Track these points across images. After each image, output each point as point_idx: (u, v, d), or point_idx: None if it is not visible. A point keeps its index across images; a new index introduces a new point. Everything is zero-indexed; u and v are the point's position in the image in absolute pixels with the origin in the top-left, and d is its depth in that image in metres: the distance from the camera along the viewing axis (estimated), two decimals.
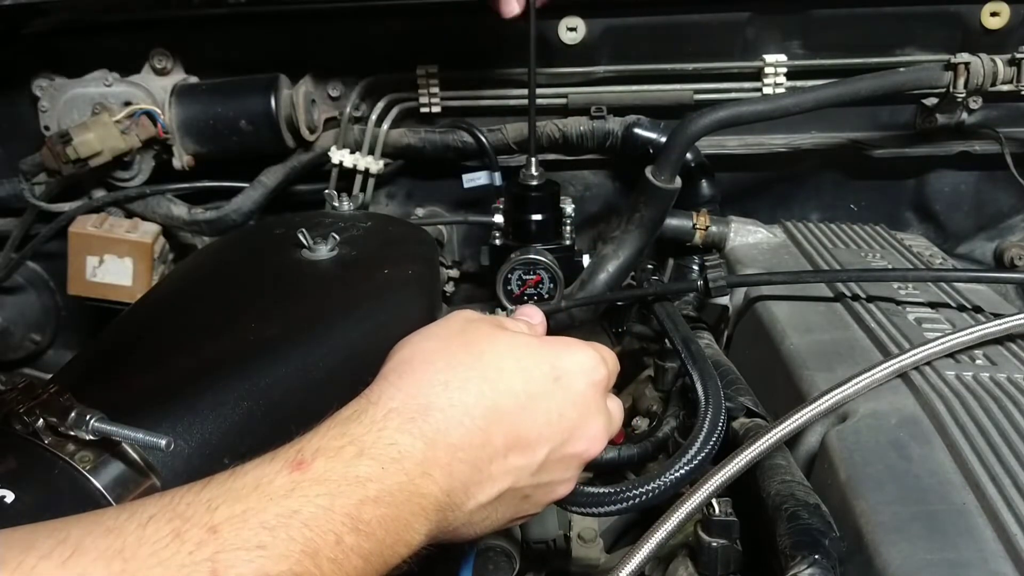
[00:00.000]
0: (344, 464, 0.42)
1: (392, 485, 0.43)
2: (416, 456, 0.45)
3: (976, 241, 1.19)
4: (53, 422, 0.46)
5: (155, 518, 0.37)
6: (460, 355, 0.49)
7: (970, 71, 0.96)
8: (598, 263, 0.95)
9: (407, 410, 0.46)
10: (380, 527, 0.42)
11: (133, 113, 1.04)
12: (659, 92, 1.10)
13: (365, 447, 0.43)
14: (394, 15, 1.10)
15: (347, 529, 0.40)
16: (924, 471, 0.55)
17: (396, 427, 0.45)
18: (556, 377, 0.51)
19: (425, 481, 0.45)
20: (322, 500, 0.40)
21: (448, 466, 0.46)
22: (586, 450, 0.53)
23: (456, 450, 0.46)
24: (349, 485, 0.42)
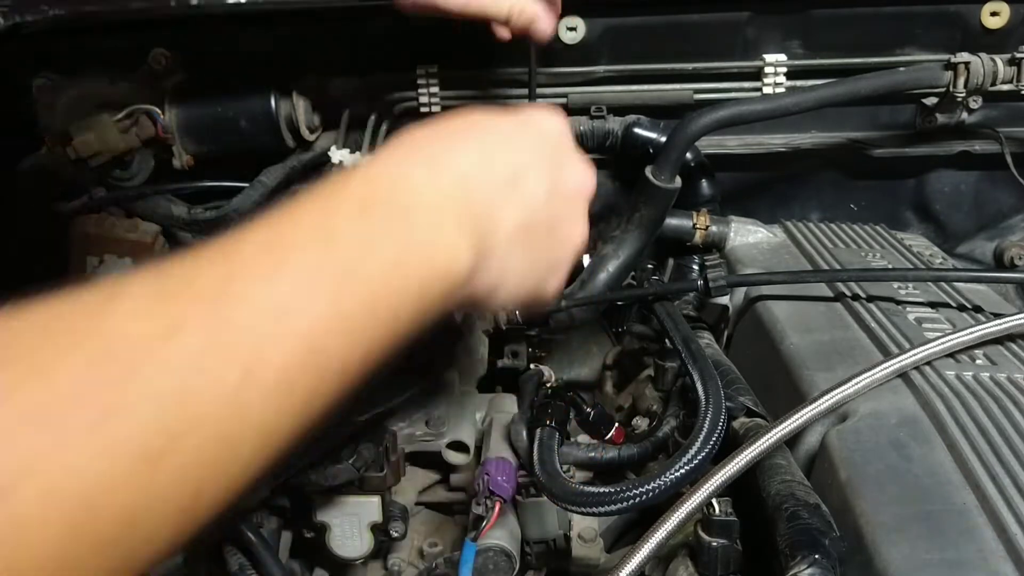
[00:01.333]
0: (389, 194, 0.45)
1: (423, 200, 0.46)
2: (434, 178, 0.48)
3: (976, 241, 1.19)
4: None
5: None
6: (456, 136, 0.54)
7: (970, 71, 0.96)
8: (598, 263, 0.95)
9: (419, 162, 0.49)
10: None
11: (133, 113, 1.04)
12: (659, 92, 1.10)
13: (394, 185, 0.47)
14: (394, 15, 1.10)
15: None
16: (924, 471, 0.55)
17: (415, 170, 0.48)
18: (534, 135, 0.57)
19: (449, 192, 0.48)
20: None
21: (466, 191, 0.49)
22: (576, 187, 0.59)
23: (467, 178, 0.50)
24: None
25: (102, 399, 0.31)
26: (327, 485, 0.71)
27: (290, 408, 0.37)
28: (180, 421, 0.33)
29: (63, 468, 0.30)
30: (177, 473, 0.33)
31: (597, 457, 0.79)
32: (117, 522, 0.31)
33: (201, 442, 0.33)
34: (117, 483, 0.31)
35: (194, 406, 0.33)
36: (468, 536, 0.71)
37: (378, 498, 0.78)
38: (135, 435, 0.31)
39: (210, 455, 0.34)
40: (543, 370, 0.86)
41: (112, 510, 0.31)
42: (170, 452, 0.32)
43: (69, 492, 0.30)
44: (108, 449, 0.31)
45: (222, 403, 0.34)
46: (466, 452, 0.84)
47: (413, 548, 0.89)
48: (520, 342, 1.07)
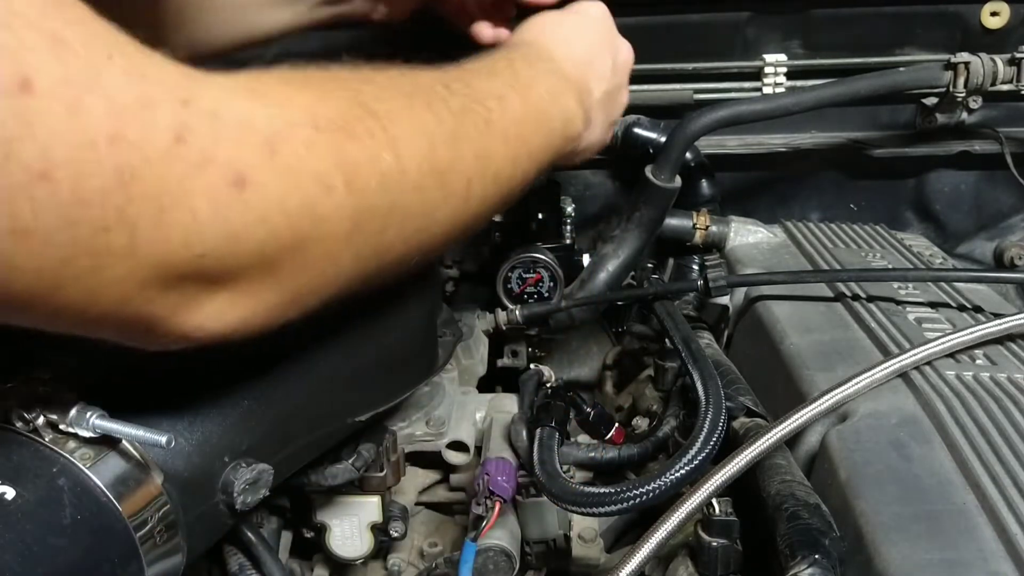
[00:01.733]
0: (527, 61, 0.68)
1: (557, 68, 0.70)
2: (557, 57, 0.71)
3: (976, 241, 1.19)
4: (54, 419, 0.46)
5: None
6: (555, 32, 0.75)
7: (970, 71, 0.96)
8: (598, 263, 0.95)
9: (549, 43, 0.72)
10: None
11: None
12: (659, 92, 1.10)
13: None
14: None
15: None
16: (924, 471, 0.55)
17: (552, 48, 0.72)
18: (592, 23, 0.77)
19: (567, 70, 0.70)
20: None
21: (572, 68, 0.71)
22: (626, 60, 0.79)
23: (573, 63, 0.72)
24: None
25: (428, 98, 0.53)
26: (327, 485, 0.70)
27: (505, 153, 0.58)
28: (462, 122, 0.54)
29: (412, 118, 0.51)
30: (467, 150, 0.54)
31: (597, 457, 0.79)
32: (438, 164, 0.51)
33: (474, 140, 0.55)
34: (441, 138, 0.52)
35: (468, 120, 0.55)
36: (468, 536, 0.71)
37: (378, 498, 0.78)
38: (447, 120, 0.53)
39: (476, 150, 0.55)
40: (543, 370, 0.85)
41: (436, 154, 0.51)
42: (461, 137, 0.54)
43: (418, 132, 0.50)
44: (436, 120, 0.52)
45: (481, 128, 0.56)
46: (466, 452, 0.84)
47: (413, 548, 0.89)
48: (520, 342, 1.07)
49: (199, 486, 0.52)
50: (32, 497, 0.43)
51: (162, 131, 0.35)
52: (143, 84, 0.35)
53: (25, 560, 0.41)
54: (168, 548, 0.49)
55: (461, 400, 0.90)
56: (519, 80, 0.63)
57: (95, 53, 0.33)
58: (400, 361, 0.73)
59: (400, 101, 0.51)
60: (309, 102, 0.44)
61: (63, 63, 0.32)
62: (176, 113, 0.36)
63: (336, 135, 0.44)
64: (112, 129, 0.33)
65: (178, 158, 0.36)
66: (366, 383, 0.68)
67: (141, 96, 0.35)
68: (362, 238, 0.46)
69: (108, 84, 0.33)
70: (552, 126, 0.65)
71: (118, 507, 0.46)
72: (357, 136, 0.45)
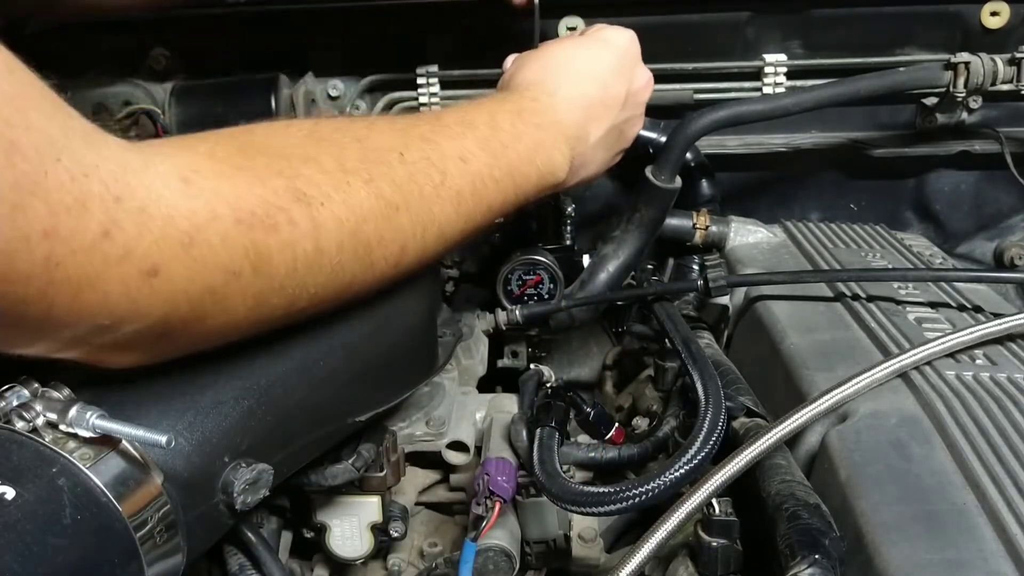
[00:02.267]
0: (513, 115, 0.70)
1: (547, 120, 0.71)
2: (553, 104, 0.72)
3: (976, 241, 1.19)
4: (54, 419, 0.46)
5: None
6: (561, 69, 0.76)
7: (970, 71, 0.96)
8: (598, 263, 0.95)
9: (545, 91, 0.73)
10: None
11: (133, 113, 1.04)
12: (659, 92, 1.09)
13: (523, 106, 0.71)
14: (394, 15, 1.10)
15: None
16: (924, 471, 0.55)
17: (542, 97, 0.73)
18: (613, 50, 0.79)
19: (560, 118, 0.72)
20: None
21: (570, 116, 0.73)
22: (641, 89, 0.80)
23: (572, 105, 0.73)
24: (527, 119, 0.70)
25: (372, 172, 0.55)
26: (327, 485, 0.70)
27: (455, 212, 0.61)
28: (405, 193, 0.57)
29: (346, 199, 0.53)
30: (404, 219, 0.57)
31: (597, 457, 0.79)
32: (365, 240, 0.54)
33: (415, 207, 0.58)
34: (374, 214, 0.55)
35: (413, 189, 0.57)
36: (468, 536, 0.71)
37: (378, 498, 0.78)
38: (387, 193, 0.55)
39: (417, 216, 0.58)
40: (543, 370, 0.85)
41: (364, 232, 0.54)
42: (401, 207, 0.56)
43: (349, 214, 0.53)
44: (374, 196, 0.55)
45: (428, 193, 0.58)
46: (466, 452, 0.84)
47: (413, 548, 0.89)
48: (520, 342, 1.07)
49: (199, 486, 0.52)
50: (32, 497, 0.43)
51: (92, 227, 0.39)
52: (83, 184, 0.39)
53: (25, 560, 0.41)
54: (168, 548, 0.49)
55: (461, 400, 0.90)
56: (497, 136, 0.65)
57: (45, 156, 0.37)
58: (400, 361, 0.73)
59: (337, 180, 0.53)
60: (239, 192, 0.47)
61: (13, 168, 0.36)
62: (108, 211, 0.40)
63: (254, 228, 0.47)
64: (47, 226, 0.37)
65: (101, 251, 0.40)
66: (366, 383, 0.68)
67: (79, 196, 0.39)
68: (265, 310, 0.51)
69: (51, 185, 0.38)
70: (523, 181, 0.67)
71: (118, 507, 0.46)
72: (277, 227, 0.49)
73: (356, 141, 0.57)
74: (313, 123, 0.58)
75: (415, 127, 0.62)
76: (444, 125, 0.63)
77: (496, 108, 0.68)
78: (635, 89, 0.79)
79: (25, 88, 0.38)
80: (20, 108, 0.37)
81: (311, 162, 0.53)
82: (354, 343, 0.66)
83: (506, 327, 0.95)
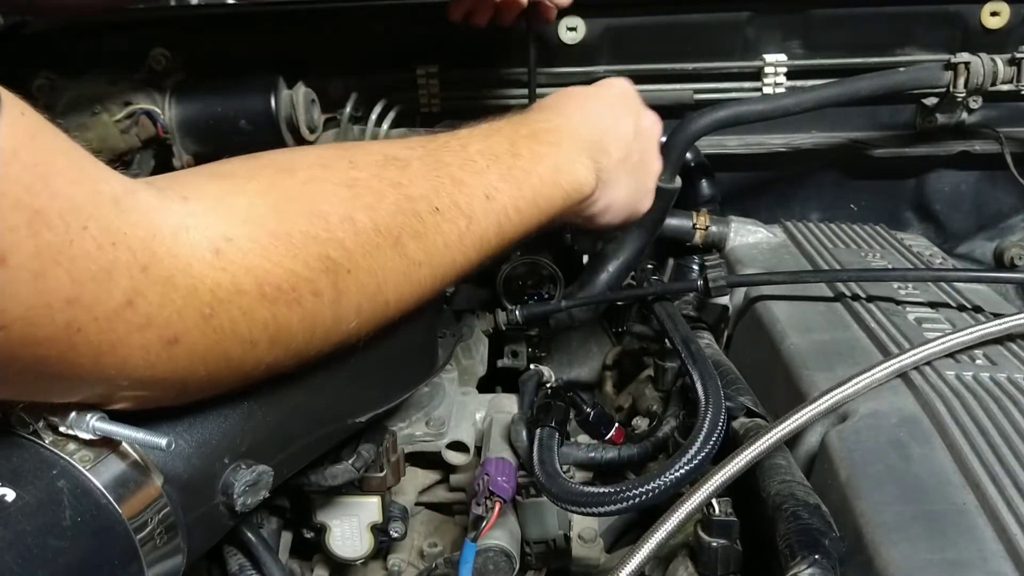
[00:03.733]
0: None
1: (563, 136, 0.71)
2: (568, 124, 0.73)
3: (976, 241, 1.19)
4: (54, 421, 0.46)
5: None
6: (571, 100, 0.78)
7: (970, 71, 0.96)
8: (598, 263, 0.95)
9: (561, 115, 0.74)
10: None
11: (133, 113, 1.04)
12: (659, 92, 1.10)
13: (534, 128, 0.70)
14: (394, 15, 1.10)
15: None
16: (924, 471, 0.55)
17: (559, 119, 0.73)
18: (616, 94, 0.81)
19: (576, 133, 0.72)
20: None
21: (590, 136, 0.73)
22: (649, 127, 0.81)
23: (589, 128, 0.74)
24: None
25: (402, 229, 0.54)
26: (327, 485, 0.70)
27: (476, 255, 0.60)
28: (430, 248, 0.56)
29: (372, 264, 0.52)
30: (425, 274, 0.56)
31: (597, 457, 0.79)
32: (384, 300, 0.54)
33: (437, 261, 0.57)
34: (395, 275, 0.54)
35: (439, 241, 0.56)
36: (468, 536, 0.71)
37: (378, 498, 0.78)
38: (412, 252, 0.54)
39: (438, 269, 0.57)
40: (543, 370, 0.85)
41: (384, 293, 0.54)
42: (424, 263, 0.55)
43: (371, 279, 0.52)
44: (398, 256, 0.54)
45: (452, 243, 0.57)
46: (466, 452, 0.84)
47: (413, 548, 0.89)
48: (520, 342, 1.07)
49: (199, 488, 0.52)
50: (32, 499, 0.43)
51: (116, 296, 0.39)
52: (110, 252, 0.39)
53: (25, 562, 0.41)
54: (168, 550, 0.49)
55: (461, 400, 0.90)
56: (518, 164, 0.64)
57: (71, 225, 0.37)
58: (400, 361, 0.73)
59: (368, 243, 0.52)
60: (269, 265, 0.46)
61: (36, 237, 0.35)
62: (133, 279, 0.40)
63: (277, 302, 0.47)
64: (70, 294, 0.37)
65: (124, 319, 0.40)
66: (366, 384, 0.68)
67: (105, 264, 0.38)
68: (278, 369, 0.52)
69: (76, 254, 0.37)
70: (548, 204, 0.67)
71: (118, 509, 0.46)
72: (301, 300, 0.48)
73: (394, 188, 0.55)
74: (350, 161, 0.55)
75: (445, 164, 0.60)
76: (470, 159, 0.62)
77: (513, 134, 0.67)
78: (644, 126, 0.80)
79: (49, 155, 0.37)
80: (43, 176, 0.36)
81: (347, 222, 0.51)
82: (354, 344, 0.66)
83: (506, 327, 0.95)
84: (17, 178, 0.34)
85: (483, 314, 1.02)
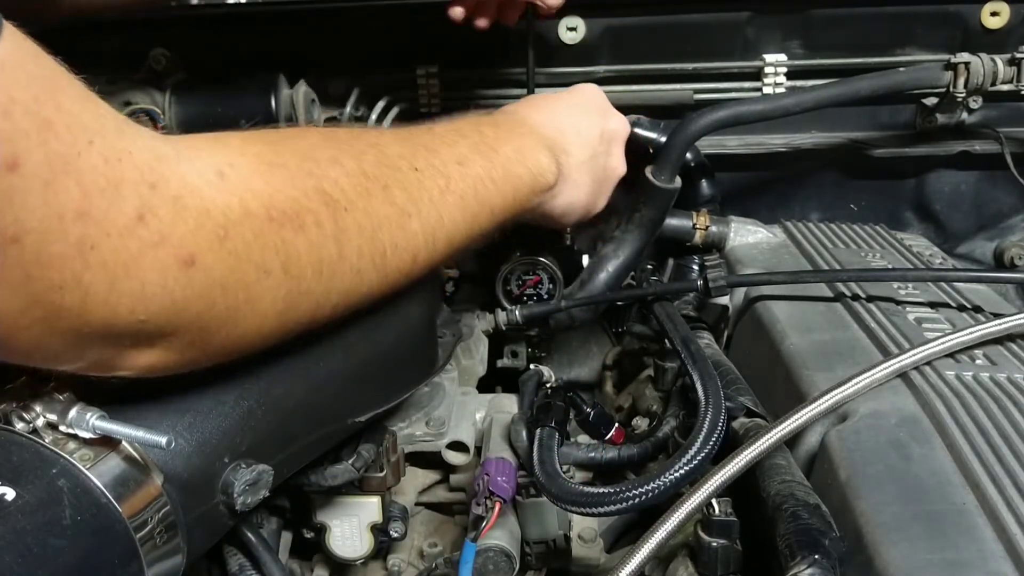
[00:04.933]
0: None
1: (525, 129, 0.76)
2: (529, 118, 0.78)
3: (976, 241, 1.19)
4: (53, 420, 0.46)
5: None
6: (533, 102, 0.84)
7: (970, 71, 0.96)
8: (598, 263, 0.95)
9: (528, 112, 0.80)
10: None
11: (133, 113, 1.04)
12: (659, 92, 1.10)
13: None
14: (394, 15, 1.10)
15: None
16: (924, 471, 0.55)
17: (528, 115, 0.79)
18: (584, 98, 0.86)
19: (536, 129, 0.77)
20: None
21: (553, 135, 0.78)
22: (616, 130, 0.86)
23: (553, 128, 0.78)
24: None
25: (388, 179, 0.57)
26: (327, 485, 0.70)
27: (461, 216, 0.63)
28: (416, 200, 0.59)
29: (366, 205, 0.55)
30: (416, 226, 0.59)
31: (597, 457, 0.79)
32: (381, 248, 0.56)
33: (425, 214, 0.60)
34: (389, 222, 0.56)
35: (423, 195, 0.60)
36: (468, 536, 0.71)
37: (378, 498, 0.78)
38: (400, 201, 0.58)
39: (427, 223, 0.60)
40: (543, 370, 0.85)
41: (380, 239, 0.56)
42: (413, 214, 0.59)
43: (367, 221, 0.55)
44: (389, 203, 0.57)
45: (436, 198, 0.61)
46: (466, 452, 0.84)
47: (413, 548, 0.89)
48: (520, 342, 1.07)
49: (199, 487, 0.52)
50: (32, 498, 0.43)
51: (126, 211, 0.40)
52: (117, 167, 0.40)
53: (25, 561, 0.41)
54: (168, 549, 0.49)
55: (461, 400, 0.90)
56: (485, 141, 0.69)
57: (77, 138, 0.38)
58: (400, 361, 0.73)
59: (359, 185, 0.55)
60: (271, 190, 0.48)
61: (46, 146, 0.36)
62: (142, 195, 0.40)
63: (284, 227, 0.49)
64: (80, 206, 0.37)
65: (136, 236, 0.40)
66: (366, 383, 0.68)
67: (112, 179, 0.39)
68: (293, 315, 0.52)
69: (84, 167, 0.38)
70: (519, 183, 0.71)
71: (118, 508, 0.46)
72: (305, 227, 0.50)
73: (371, 147, 0.59)
74: (327, 129, 0.61)
75: (415, 136, 0.65)
76: (437, 135, 0.67)
77: (478, 120, 0.73)
78: (610, 128, 0.85)
79: (53, 72, 0.38)
80: (49, 90, 0.37)
81: (336, 164, 0.54)
82: (354, 343, 0.66)
83: (506, 327, 0.95)
84: (27, 86, 0.36)
85: (483, 314, 1.01)
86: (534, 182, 0.73)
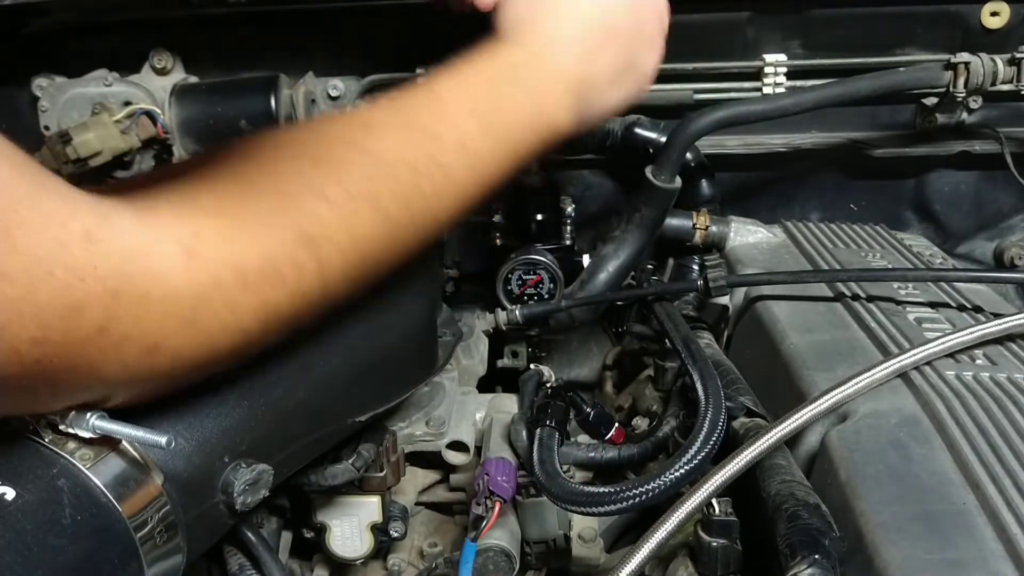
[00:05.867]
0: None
1: (546, 71, 0.65)
2: (551, 50, 0.66)
3: (976, 241, 1.19)
4: (54, 420, 0.46)
5: None
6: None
7: (970, 71, 0.96)
8: (598, 263, 0.95)
9: (545, 42, 0.67)
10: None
11: (133, 113, 1.04)
12: (659, 92, 1.10)
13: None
14: (394, 15, 1.10)
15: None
16: (924, 471, 0.55)
17: (545, 48, 0.67)
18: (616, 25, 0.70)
19: (559, 63, 0.66)
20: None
21: (567, 53, 0.66)
22: (651, 15, 0.72)
23: (574, 52, 0.67)
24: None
25: (378, 191, 0.53)
26: (327, 485, 0.70)
27: (454, 204, 0.59)
28: (409, 204, 0.55)
29: (351, 229, 0.51)
30: (408, 233, 0.56)
31: (597, 457, 0.79)
32: (371, 263, 0.54)
33: (418, 216, 0.56)
34: (378, 238, 0.53)
35: (416, 196, 0.55)
36: (468, 536, 0.71)
37: (378, 498, 0.78)
38: (392, 212, 0.54)
39: (419, 225, 0.57)
40: (543, 370, 0.85)
41: (368, 257, 0.53)
42: (404, 221, 0.55)
43: (352, 245, 0.51)
44: (379, 219, 0.53)
45: (429, 194, 0.56)
46: (466, 452, 0.84)
47: (413, 548, 0.89)
48: (520, 342, 1.07)
49: (199, 486, 0.52)
50: (32, 498, 0.43)
51: (86, 327, 0.38)
52: (79, 289, 0.38)
53: (25, 560, 0.41)
54: (168, 548, 0.49)
55: (461, 400, 0.90)
56: (498, 112, 0.61)
57: (33, 278, 0.36)
58: (400, 361, 0.73)
59: (343, 211, 0.51)
60: (244, 252, 0.46)
61: (3, 292, 0.35)
62: (105, 308, 0.39)
63: (263, 286, 0.46)
64: (36, 336, 0.37)
65: (97, 344, 0.39)
66: (366, 383, 0.68)
67: (73, 304, 0.38)
68: (260, 343, 0.50)
69: (42, 302, 0.37)
70: (524, 146, 0.64)
71: (118, 507, 0.46)
72: (284, 280, 0.48)
73: (361, 153, 0.54)
74: (314, 134, 0.56)
75: (417, 117, 0.58)
76: (443, 107, 0.59)
77: (494, 74, 0.63)
78: (643, 16, 0.71)
79: (10, 204, 0.36)
80: (3, 232, 0.35)
81: (317, 196, 0.50)
82: (354, 343, 0.66)
83: (506, 327, 0.95)
84: None
85: (483, 314, 1.02)
86: (541, 140, 0.65)
